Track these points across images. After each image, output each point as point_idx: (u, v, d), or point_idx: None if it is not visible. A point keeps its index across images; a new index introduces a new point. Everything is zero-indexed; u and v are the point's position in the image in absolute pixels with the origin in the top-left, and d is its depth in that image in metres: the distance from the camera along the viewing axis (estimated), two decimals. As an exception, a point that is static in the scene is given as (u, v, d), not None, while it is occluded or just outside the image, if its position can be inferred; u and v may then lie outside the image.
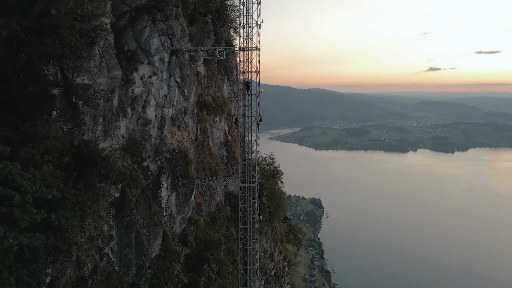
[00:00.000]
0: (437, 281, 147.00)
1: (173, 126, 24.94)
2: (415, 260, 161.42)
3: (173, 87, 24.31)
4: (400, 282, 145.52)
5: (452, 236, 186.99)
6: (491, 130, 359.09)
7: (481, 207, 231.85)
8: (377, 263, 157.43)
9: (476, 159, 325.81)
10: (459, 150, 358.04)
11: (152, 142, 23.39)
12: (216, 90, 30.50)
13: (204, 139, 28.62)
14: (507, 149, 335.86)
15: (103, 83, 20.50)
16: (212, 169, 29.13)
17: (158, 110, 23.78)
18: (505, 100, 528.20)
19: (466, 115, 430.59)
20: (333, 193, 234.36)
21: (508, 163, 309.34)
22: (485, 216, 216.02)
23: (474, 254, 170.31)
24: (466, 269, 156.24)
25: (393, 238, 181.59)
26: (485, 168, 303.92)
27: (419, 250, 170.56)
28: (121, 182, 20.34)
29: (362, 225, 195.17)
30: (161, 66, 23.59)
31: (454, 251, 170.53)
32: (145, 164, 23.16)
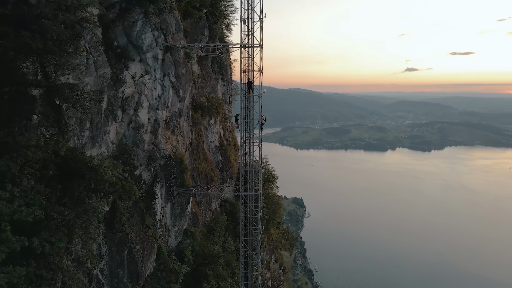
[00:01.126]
0: (417, 277, 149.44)
1: (167, 130, 22.73)
2: (395, 257, 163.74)
3: (167, 87, 22.10)
4: (381, 279, 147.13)
5: (430, 233, 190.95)
6: (465, 129, 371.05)
7: (457, 204, 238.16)
8: (358, 261, 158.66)
9: (452, 157, 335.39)
10: (435, 148, 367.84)
11: (145, 148, 21.13)
12: (210, 91, 28.42)
13: (199, 143, 26.51)
14: (480, 147, 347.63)
15: (90, 83, 18.11)
16: (208, 176, 27.05)
17: (151, 112, 21.52)
18: (479, 100, 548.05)
19: (442, 114, 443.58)
20: (315, 193, 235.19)
21: (482, 161, 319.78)
22: (461, 212, 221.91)
23: (451, 250, 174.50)
24: (445, 265, 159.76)
25: (373, 236, 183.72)
26: (460, 166, 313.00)
27: (399, 247, 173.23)
28: (112, 194, 18.04)
29: (343, 223, 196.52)
30: (154, 64, 21.34)
31: (433, 248, 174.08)
32: (137, 173, 20.87)
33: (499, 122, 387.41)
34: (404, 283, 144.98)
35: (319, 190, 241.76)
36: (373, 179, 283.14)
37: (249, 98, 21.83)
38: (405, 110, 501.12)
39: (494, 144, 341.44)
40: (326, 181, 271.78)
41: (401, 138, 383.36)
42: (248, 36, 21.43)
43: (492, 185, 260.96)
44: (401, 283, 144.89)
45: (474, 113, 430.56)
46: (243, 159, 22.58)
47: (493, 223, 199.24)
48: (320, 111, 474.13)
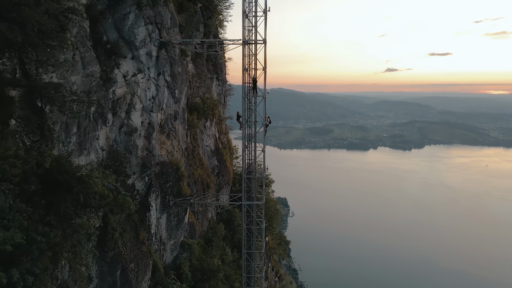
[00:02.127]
0: (399, 274, 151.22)
1: (161, 134, 20.72)
2: (378, 255, 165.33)
3: (162, 87, 20.09)
4: (364, 277, 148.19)
5: (411, 230, 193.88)
6: (444, 128, 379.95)
7: (437, 202, 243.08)
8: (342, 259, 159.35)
9: (431, 155, 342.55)
10: (415, 147, 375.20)
11: (138, 155, 19.07)
12: (205, 91, 26.51)
13: (195, 148, 24.57)
14: (458, 146, 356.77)
15: (77, 82, 15.96)
16: (204, 182, 25.14)
17: (145, 115, 19.47)
18: (456, 100, 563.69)
19: (422, 114, 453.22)
20: (299, 192, 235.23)
21: (460, 159, 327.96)
22: (441, 210, 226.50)
23: (431, 247, 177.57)
24: (426, 261, 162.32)
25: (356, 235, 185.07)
26: (439, 164, 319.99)
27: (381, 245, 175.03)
28: (103, 207, 15.96)
29: (327, 222, 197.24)
30: (148, 62, 19.30)
31: (414, 245, 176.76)
32: (130, 182, 18.79)
33: (476, 121, 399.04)
34: (386, 280, 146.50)
35: (303, 190, 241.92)
36: (355, 178, 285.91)
37: (252, 99, 20.07)
38: (386, 109, 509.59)
39: (472, 143, 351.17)
40: (309, 181, 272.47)
41: (383, 137, 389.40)
42: (251, 32, 19.68)
43: (470, 182, 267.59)
44: (383, 280, 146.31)
45: (452, 113, 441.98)
46: (245, 165, 20.79)
47: (471, 219, 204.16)
48: (303, 111, 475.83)
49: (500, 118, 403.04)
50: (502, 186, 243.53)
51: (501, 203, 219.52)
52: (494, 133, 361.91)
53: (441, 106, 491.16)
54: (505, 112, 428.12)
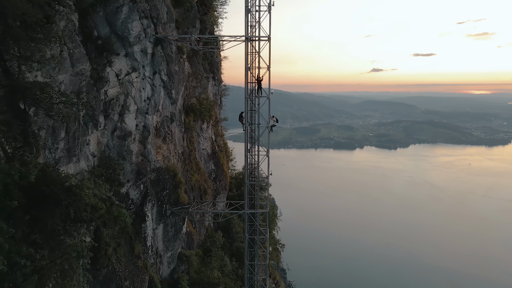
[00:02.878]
0: (386, 271, 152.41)
1: (157, 138, 19.14)
2: (365, 253, 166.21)
3: (158, 87, 18.52)
4: (352, 275, 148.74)
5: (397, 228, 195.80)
6: (428, 127, 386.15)
7: (422, 200, 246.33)
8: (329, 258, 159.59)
9: (416, 154, 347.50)
10: (401, 146, 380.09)
11: (133, 161, 17.46)
12: (201, 91, 24.99)
13: (192, 152, 23.05)
14: (443, 145, 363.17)
15: (65, 82, 14.29)
16: (201, 188, 23.65)
17: (139, 117, 17.87)
18: (440, 99, 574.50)
19: (407, 113, 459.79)
20: (286, 192, 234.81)
21: (444, 157, 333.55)
22: (426, 207, 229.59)
23: (417, 244, 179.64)
24: (411, 258, 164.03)
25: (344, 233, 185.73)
26: (424, 163, 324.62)
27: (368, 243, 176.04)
28: (95, 221, 14.34)
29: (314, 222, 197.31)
30: (142, 60, 17.71)
31: (400, 242, 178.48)
32: (123, 191, 17.17)
33: (459, 121, 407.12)
34: (373, 278, 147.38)
35: (290, 189, 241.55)
36: (342, 177, 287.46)
37: (254, 99, 18.70)
38: (371, 109, 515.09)
39: (455, 142, 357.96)
40: (297, 180, 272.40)
41: (369, 136, 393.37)
42: (254, 28, 18.33)
43: (454, 180, 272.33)
44: (370, 277, 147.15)
45: (436, 112, 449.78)
46: (247, 170, 19.40)
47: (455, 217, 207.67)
48: (290, 111, 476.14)
49: (482, 118, 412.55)
50: (484, 184, 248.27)
51: (484, 201, 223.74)
52: (476, 132, 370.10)
53: (426, 105, 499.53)
54: (487, 112, 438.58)
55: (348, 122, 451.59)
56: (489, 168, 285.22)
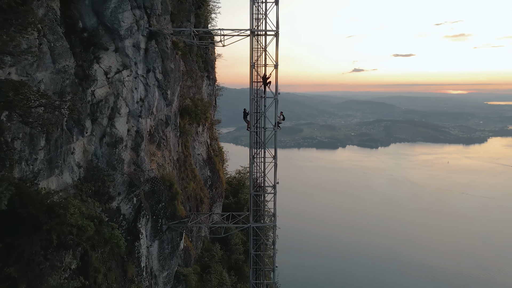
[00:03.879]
0: (369, 269, 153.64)
1: (151, 144, 17.02)
2: (348, 251, 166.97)
3: (152, 87, 16.42)
4: (335, 273, 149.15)
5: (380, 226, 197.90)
6: (408, 127, 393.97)
7: (402, 198, 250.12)
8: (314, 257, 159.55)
9: (397, 153, 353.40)
10: (382, 145, 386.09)
11: (125, 171, 15.30)
12: (196, 91, 22.95)
13: (187, 158, 20.99)
14: (422, 144, 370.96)
15: (44, 80, 12.06)
16: (198, 197, 21.62)
17: (132, 121, 15.72)
18: (419, 99, 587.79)
19: (387, 113, 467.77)
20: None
21: (423, 156, 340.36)
22: (406, 205, 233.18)
23: (399, 241, 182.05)
24: (393, 256, 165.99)
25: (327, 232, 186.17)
26: (404, 162, 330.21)
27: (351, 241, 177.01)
28: (82, 244, 12.19)
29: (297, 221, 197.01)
30: (135, 56, 15.57)
31: (382, 240, 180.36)
32: (114, 205, 15.00)
33: (437, 120, 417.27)
34: (356, 275, 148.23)
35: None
36: (325, 176, 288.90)
37: (261, 100, 16.86)
38: (353, 109, 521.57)
39: (434, 140, 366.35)
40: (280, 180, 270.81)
41: (351, 136, 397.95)
42: (260, 21, 16.50)
43: (433, 178, 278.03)
44: (354, 275, 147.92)
45: (415, 112, 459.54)
46: (252, 179, 17.53)
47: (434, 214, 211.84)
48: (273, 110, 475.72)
49: (460, 117, 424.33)
50: (462, 182, 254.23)
51: (462, 198, 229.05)
52: (454, 131, 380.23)
53: (405, 105, 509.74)
54: (464, 111, 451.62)
55: (331, 122, 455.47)
56: (466, 166, 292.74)
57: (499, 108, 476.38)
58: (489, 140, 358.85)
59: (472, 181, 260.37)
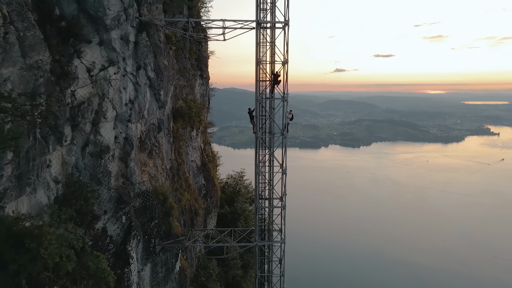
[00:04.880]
0: (352, 267, 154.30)
1: (142, 153, 14.74)
2: (332, 250, 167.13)
3: (143, 86, 14.15)
4: (320, 271, 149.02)
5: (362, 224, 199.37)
6: (389, 126, 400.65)
7: (384, 196, 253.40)
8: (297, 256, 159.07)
9: (378, 152, 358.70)
10: (364, 144, 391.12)
11: (112, 185, 13.00)
12: (189, 92, 20.72)
13: (180, 165, 18.76)
14: (403, 143, 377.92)
15: (12, 78, 9.67)
16: (192, 209, 19.43)
17: (120, 127, 13.41)
18: (399, 99, 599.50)
19: (368, 112, 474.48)
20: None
21: (404, 155, 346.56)
22: (388, 203, 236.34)
23: (380, 239, 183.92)
24: (375, 253, 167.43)
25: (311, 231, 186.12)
26: (386, 160, 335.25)
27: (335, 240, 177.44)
28: (61, 280, 9.90)
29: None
30: (123, 50, 13.27)
31: (365, 238, 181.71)
32: (99, 226, 12.68)
33: (417, 119, 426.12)
34: (340, 274, 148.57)
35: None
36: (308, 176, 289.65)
37: (268, 102, 14.87)
38: (335, 108, 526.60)
39: (414, 139, 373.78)
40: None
41: (333, 135, 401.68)
42: (266, 12, 14.50)
43: (413, 177, 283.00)
44: (337, 273, 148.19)
45: (395, 111, 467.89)
46: (258, 191, 15.51)
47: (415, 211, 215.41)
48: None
49: (438, 116, 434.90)
50: (441, 180, 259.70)
51: (441, 195, 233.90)
52: (433, 130, 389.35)
53: (386, 105, 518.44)
54: (442, 111, 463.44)
55: (313, 122, 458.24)
56: (445, 164, 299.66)
57: (475, 107, 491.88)
58: (466, 139, 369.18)
59: (450, 179, 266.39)
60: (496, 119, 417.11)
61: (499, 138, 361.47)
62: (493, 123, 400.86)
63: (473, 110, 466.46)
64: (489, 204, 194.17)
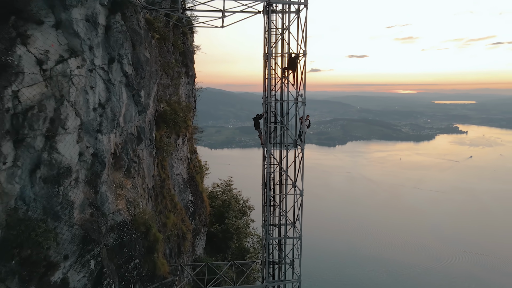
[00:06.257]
0: (329, 265, 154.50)
1: (117, 172, 11.24)
2: (309, 248, 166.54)
3: (118, 85, 10.67)
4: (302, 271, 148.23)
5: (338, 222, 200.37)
6: (363, 125, 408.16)
7: (359, 194, 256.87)
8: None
9: (353, 151, 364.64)
10: (339, 143, 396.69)
11: (75, 220, 9.48)
12: (173, 92, 17.26)
13: (165, 182, 15.31)
14: (376, 141, 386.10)
15: None
16: (179, 233, 16.02)
17: (86, 139, 9.88)
18: (373, 98, 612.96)
19: (343, 112, 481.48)
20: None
21: (378, 153, 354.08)
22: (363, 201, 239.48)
23: (357, 237, 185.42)
24: (351, 251, 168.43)
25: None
26: (361, 159, 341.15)
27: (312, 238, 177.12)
28: None
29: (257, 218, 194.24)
30: (89, 36, 9.75)
31: (341, 236, 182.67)
32: (56, 278, 9.14)
33: (390, 118, 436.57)
34: (316, 273, 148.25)
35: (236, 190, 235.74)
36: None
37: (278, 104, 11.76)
38: (311, 108, 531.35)
39: (387, 138, 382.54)
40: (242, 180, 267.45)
41: (309, 135, 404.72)
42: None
43: (387, 174, 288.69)
44: (313, 272, 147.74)
45: (369, 111, 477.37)
46: (268, 218, 12.36)
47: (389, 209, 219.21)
48: (232, 110, 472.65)
49: (410, 115, 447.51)
50: (414, 177, 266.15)
51: (414, 192, 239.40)
52: (405, 128, 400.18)
53: (360, 104, 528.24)
54: (413, 110, 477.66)
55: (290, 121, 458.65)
56: (417, 162, 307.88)
57: (444, 107, 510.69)
58: (437, 137, 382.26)
59: (422, 176, 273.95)
60: (464, 118, 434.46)
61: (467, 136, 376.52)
62: (461, 122, 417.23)
63: (442, 109, 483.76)
64: (459, 200, 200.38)
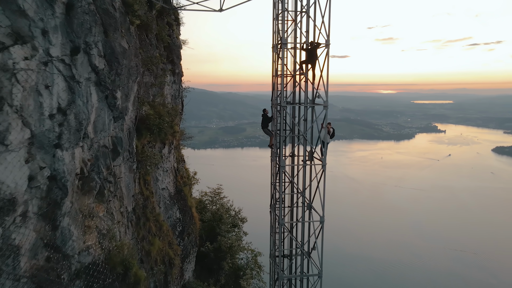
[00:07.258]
0: None
1: (85, 197, 8.56)
2: None
3: (85, 83, 8.01)
4: None
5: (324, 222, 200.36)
6: (345, 125, 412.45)
7: (342, 193, 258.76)
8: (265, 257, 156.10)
9: (336, 150, 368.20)
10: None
11: (21, 270, 6.82)
12: (156, 92, 14.60)
13: (148, 200, 12.65)
14: (358, 141, 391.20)
15: None
16: (166, 260, 13.40)
17: (40, 157, 7.20)
18: (354, 98, 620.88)
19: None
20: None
21: (360, 152, 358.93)
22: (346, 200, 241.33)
23: (340, 236, 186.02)
24: (335, 250, 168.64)
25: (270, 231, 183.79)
26: (343, 158, 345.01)
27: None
28: None
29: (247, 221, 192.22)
30: (42, 16, 7.08)
31: (325, 235, 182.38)
32: None
33: (371, 118, 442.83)
34: None
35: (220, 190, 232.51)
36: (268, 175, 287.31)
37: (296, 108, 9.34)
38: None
39: (369, 137, 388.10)
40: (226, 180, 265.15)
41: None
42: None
43: (369, 173, 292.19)
44: None
45: (351, 110, 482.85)
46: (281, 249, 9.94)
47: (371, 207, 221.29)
48: (215, 110, 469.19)
49: (390, 115, 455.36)
50: (395, 176, 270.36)
51: (395, 191, 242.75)
52: (386, 128, 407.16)
53: (342, 104, 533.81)
54: (393, 109, 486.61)
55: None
56: (398, 160, 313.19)
57: (423, 106, 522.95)
58: (417, 136, 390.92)
59: (403, 174, 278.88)
60: (443, 117, 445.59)
61: (446, 135, 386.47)
62: (439, 121, 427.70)
63: (421, 109, 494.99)
64: (438, 198, 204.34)
